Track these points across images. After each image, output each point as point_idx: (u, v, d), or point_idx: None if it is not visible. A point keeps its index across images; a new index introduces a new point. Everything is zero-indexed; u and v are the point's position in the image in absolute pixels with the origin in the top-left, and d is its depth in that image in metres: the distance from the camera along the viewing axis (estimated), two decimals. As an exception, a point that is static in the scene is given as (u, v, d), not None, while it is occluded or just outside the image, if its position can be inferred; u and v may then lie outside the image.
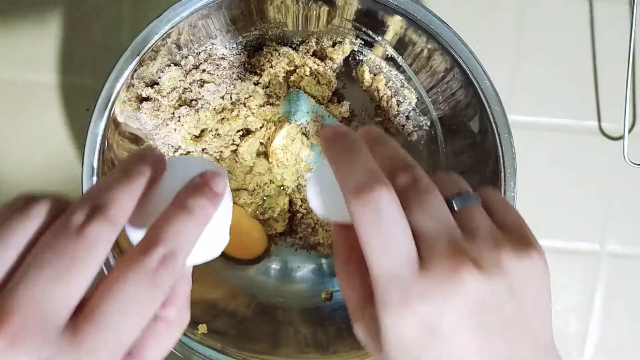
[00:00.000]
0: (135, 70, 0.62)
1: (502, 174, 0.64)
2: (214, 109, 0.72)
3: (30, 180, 0.79)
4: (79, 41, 0.77)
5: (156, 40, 0.60)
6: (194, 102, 0.71)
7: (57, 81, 0.78)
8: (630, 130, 0.80)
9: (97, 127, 0.61)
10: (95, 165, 0.61)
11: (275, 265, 0.81)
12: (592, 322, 0.83)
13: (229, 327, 0.72)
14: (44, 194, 0.38)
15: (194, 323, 0.68)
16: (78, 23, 0.77)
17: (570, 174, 0.81)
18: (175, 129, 0.71)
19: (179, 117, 0.70)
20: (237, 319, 0.74)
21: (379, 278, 0.37)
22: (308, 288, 0.80)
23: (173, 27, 0.60)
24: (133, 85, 0.65)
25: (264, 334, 0.73)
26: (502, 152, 0.63)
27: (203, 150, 0.74)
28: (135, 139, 0.70)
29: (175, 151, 0.73)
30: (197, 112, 0.71)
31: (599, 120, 0.80)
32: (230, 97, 0.73)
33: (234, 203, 0.76)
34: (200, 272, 0.75)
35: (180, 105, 0.70)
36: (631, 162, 0.78)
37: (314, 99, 0.75)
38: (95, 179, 0.61)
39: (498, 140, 0.63)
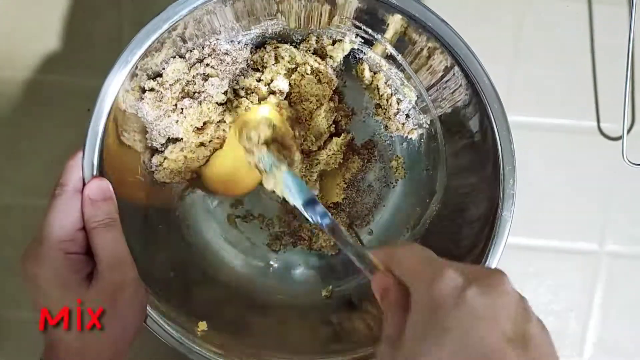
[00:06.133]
0: (137, 65, 0.62)
1: (501, 171, 0.64)
2: (217, 102, 0.72)
3: (32, 181, 0.79)
4: (80, 41, 0.78)
5: (157, 38, 0.61)
6: (196, 95, 0.71)
7: (59, 81, 0.78)
8: (629, 131, 0.80)
9: (97, 125, 0.61)
10: (95, 163, 0.61)
11: (275, 264, 0.81)
12: (591, 321, 0.83)
13: (228, 324, 0.72)
14: None
15: (194, 320, 0.69)
16: (79, 23, 0.77)
17: (569, 174, 0.81)
18: (177, 121, 0.71)
19: (182, 108, 0.70)
20: (238, 316, 0.74)
21: None
22: (309, 286, 0.80)
23: (179, 20, 0.60)
24: (137, 75, 0.66)
25: (264, 331, 0.73)
26: (502, 150, 0.64)
27: (203, 143, 0.74)
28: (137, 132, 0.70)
29: (175, 142, 0.74)
30: (200, 104, 0.71)
31: (598, 120, 0.80)
32: (233, 92, 0.73)
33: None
34: (199, 270, 0.76)
35: (183, 97, 0.70)
36: (630, 162, 0.78)
37: (314, 97, 0.75)
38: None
39: (497, 138, 0.64)
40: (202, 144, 0.75)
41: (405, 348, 0.47)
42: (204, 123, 0.73)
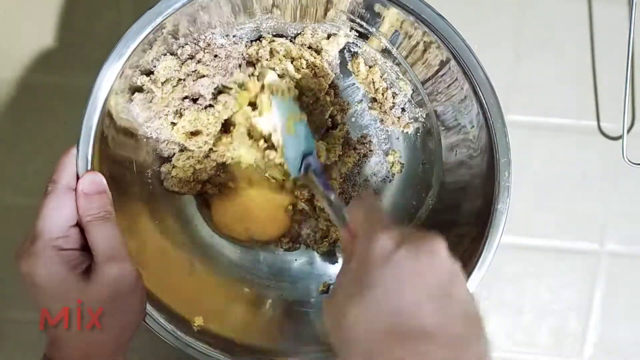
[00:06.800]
0: (128, 63, 0.62)
1: (497, 164, 0.64)
2: (210, 104, 0.73)
3: (32, 181, 0.79)
4: (80, 42, 0.78)
5: (151, 31, 0.61)
6: (187, 101, 0.71)
7: (58, 82, 0.78)
8: (629, 130, 0.80)
9: (91, 119, 0.61)
10: (89, 158, 0.61)
11: (271, 258, 0.81)
12: (592, 321, 0.82)
13: (224, 319, 0.72)
14: None
15: (189, 316, 0.68)
16: (78, 23, 0.78)
17: (569, 173, 0.81)
18: (170, 123, 0.72)
19: (175, 112, 0.71)
20: (234, 311, 0.74)
21: None
22: (304, 281, 0.80)
23: (173, 14, 0.61)
24: (127, 76, 0.66)
25: (260, 326, 0.73)
26: (497, 143, 0.64)
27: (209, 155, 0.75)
28: (131, 132, 0.70)
29: (167, 143, 0.74)
30: (195, 111, 0.72)
31: (598, 120, 0.80)
32: (226, 88, 0.74)
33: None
34: (196, 263, 0.76)
35: (176, 98, 0.71)
36: (630, 161, 0.78)
37: (310, 91, 0.75)
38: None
39: (492, 131, 0.64)
40: (208, 156, 0.75)
41: (335, 303, 0.48)
42: (197, 130, 0.73)
